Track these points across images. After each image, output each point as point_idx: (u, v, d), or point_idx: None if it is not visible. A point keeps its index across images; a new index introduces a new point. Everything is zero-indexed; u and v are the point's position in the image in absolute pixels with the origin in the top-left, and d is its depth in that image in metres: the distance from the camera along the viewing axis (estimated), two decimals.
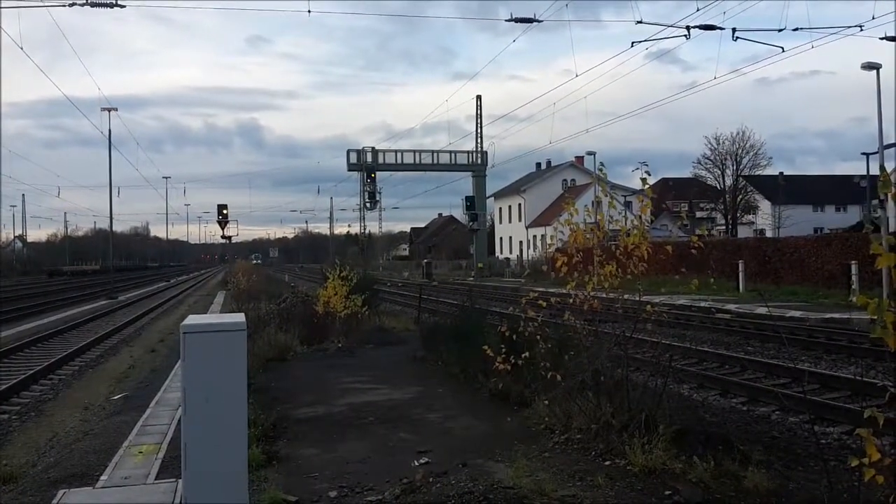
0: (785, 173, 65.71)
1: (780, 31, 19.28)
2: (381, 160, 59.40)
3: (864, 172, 38.19)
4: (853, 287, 22.02)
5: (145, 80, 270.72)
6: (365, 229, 73.50)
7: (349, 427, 8.06)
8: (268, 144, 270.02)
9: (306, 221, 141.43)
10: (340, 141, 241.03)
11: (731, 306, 21.43)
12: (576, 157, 67.05)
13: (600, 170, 8.43)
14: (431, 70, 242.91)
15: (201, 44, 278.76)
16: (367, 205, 60.79)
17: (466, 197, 58.66)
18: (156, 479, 6.13)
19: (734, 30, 19.06)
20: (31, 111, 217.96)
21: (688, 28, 19.01)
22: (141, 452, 7.02)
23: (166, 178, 71.69)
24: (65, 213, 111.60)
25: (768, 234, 55.23)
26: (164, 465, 6.52)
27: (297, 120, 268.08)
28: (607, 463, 6.12)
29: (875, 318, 3.10)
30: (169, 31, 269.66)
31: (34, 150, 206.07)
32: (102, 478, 6.23)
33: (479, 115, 61.65)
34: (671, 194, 66.84)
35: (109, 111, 39.38)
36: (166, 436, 7.63)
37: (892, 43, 20.00)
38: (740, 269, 27.64)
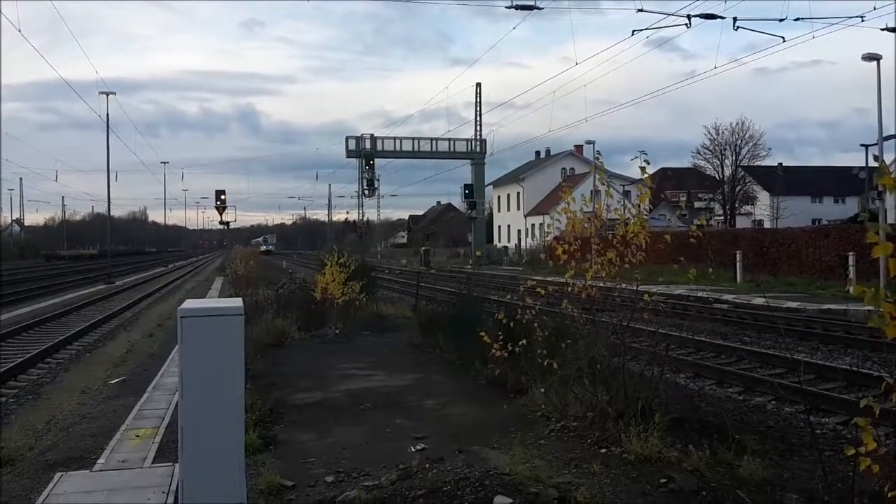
0: (784, 164, 65.85)
1: (781, 20, 19.24)
2: (379, 147, 59.27)
3: (864, 164, 38.23)
4: (850, 278, 22.05)
5: (141, 64, 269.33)
6: (363, 216, 73.55)
7: (346, 413, 8.09)
8: (265, 130, 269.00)
9: (304, 208, 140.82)
10: (338, 127, 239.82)
11: (729, 296, 21.48)
12: (575, 145, 66.82)
13: (598, 159, 8.40)
14: (430, 56, 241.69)
15: (198, 27, 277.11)
16: (366, 192, 60.87)
17: (465, 185, 58.52)
18: (153, 463, 6.15)
19: (735, 19, 19.00)
20: (25, 94, 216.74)
21: (689, 17, 18.96)
22: (138, 436, 7.04)
23: (164, 163, 70.85)
24: (62, 197, 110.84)
25: (766, 224, 55.25)
26: (161, 448, 6.54)
27: (294, 105, 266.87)
28: (603, 451, 6.14)
29: (872, 307, 3.10)
30: (166, 15, 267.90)
31: (31, 134, 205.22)
32: (99, 461, 6.25)
33: (478, 103, 61.51)
34: (670, 184, 66.89)
35: (108, 94, 39.08)
36: (163, 420, 7.65)
37: (893, 34, 19.97)
38: (738, 259, 27.66)
